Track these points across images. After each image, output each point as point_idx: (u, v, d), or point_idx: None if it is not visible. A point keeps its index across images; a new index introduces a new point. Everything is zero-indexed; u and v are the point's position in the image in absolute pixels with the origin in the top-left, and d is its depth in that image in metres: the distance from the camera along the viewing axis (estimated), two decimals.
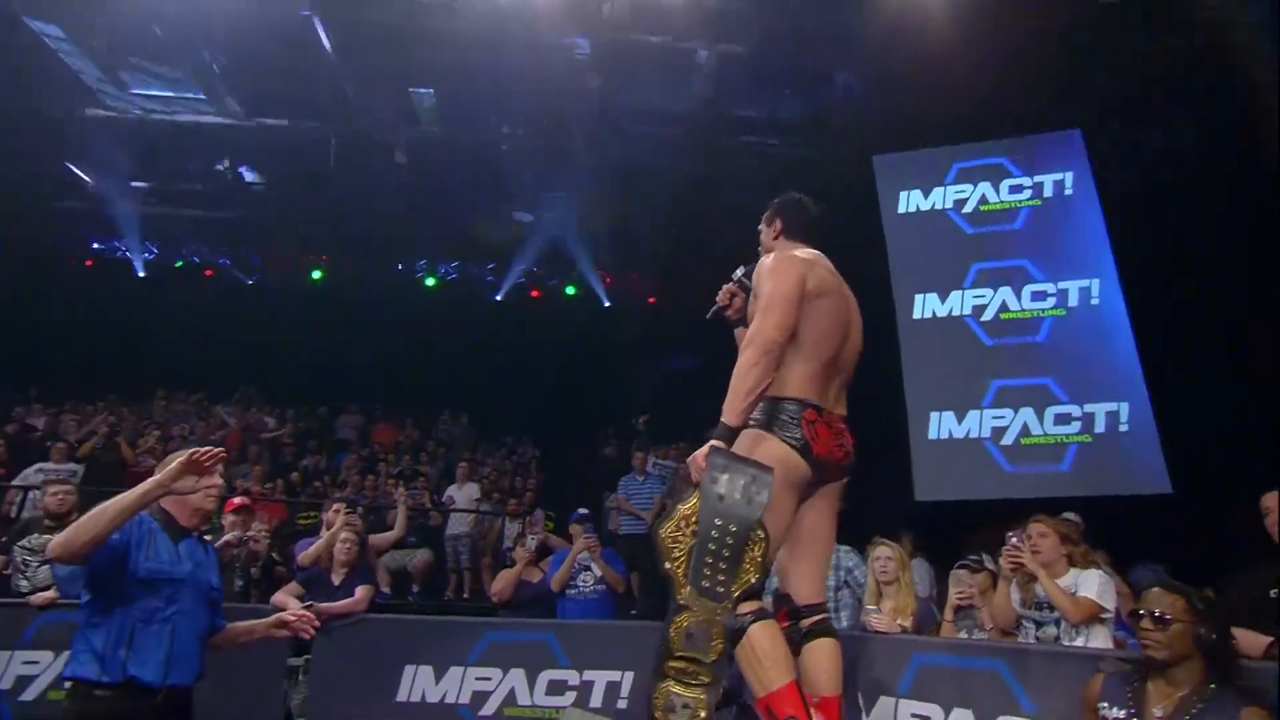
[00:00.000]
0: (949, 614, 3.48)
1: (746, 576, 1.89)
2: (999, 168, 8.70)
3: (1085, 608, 2.89)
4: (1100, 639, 2.91)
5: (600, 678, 3.63)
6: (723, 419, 2.02)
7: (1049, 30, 7.39)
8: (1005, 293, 8.17)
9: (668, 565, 1.93)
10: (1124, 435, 7.37)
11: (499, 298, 11.94)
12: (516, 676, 3.63)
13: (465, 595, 6.86)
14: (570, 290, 12.23)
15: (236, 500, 4.70)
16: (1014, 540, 3.10)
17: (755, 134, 9.04)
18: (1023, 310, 8.14)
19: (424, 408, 10.72)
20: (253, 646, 3.69)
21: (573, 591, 4.38)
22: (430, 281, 11.90)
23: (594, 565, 4.51)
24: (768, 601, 3.53)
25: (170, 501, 2.32)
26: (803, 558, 2.21)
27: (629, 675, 3.60)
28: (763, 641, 1.98)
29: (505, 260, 11.52)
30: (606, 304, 11.86)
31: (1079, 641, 2.89)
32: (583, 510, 4.74)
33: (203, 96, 8.82)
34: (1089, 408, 7.59)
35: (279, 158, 9.84)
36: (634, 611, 4.49)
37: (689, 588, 1.87)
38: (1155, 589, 2.13)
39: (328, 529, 4.96)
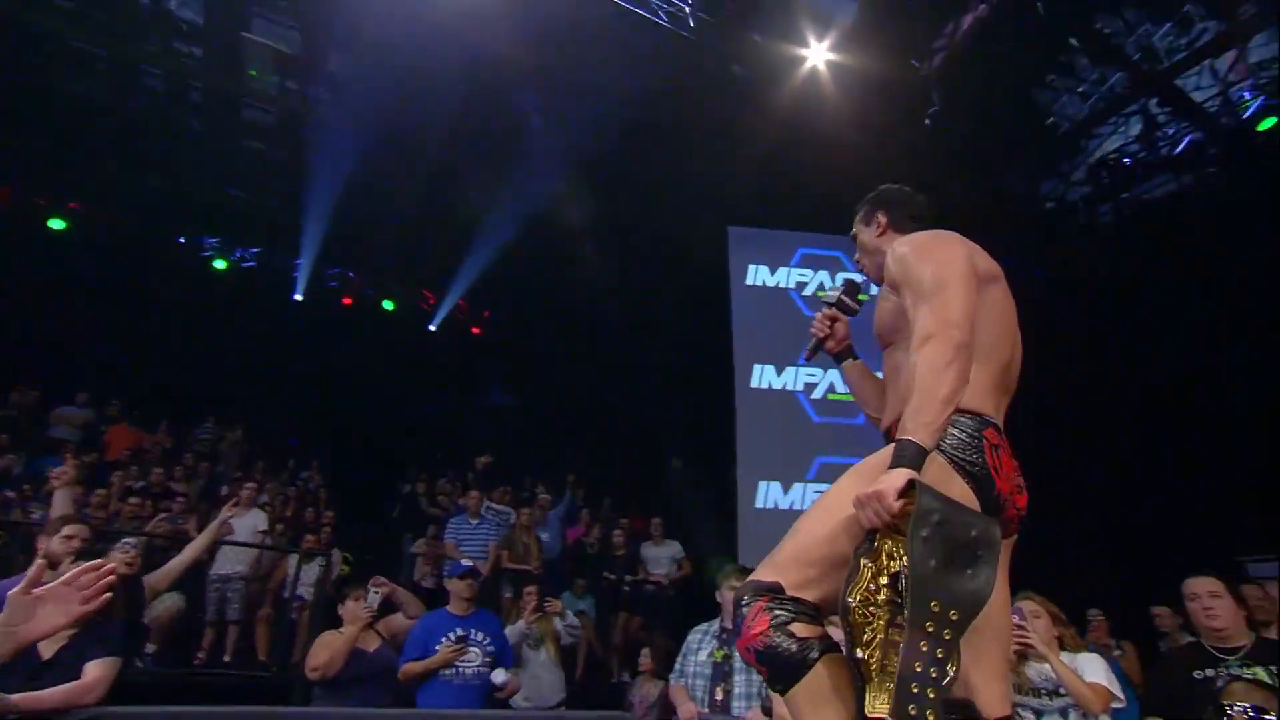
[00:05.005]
0: None
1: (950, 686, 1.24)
2: (836, 260, 9.39)
3: (1103, 695, 2.66)
4: None
5: None
6: (909, 436, 1.39)
7: (894, 139, 8.19)
8: (834, 375, 8.74)
9: (860, 654, 1.29)
10: None
11: (298, 297, 10.29)
12: None
13: (227, 659, 5.22)
14: (389, 305, 10.95)
15: None
16: (1015, 619, 2.78)
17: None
18: (847, 393, 8.70)
19: (183, 411, 8.66)
20: None
21: (449, 673, 3.30)
22: (220, 264, 9.92)
23: None
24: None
25: None
26: (983, 648, 1.47)
27: None
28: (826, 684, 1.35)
29: (316, 258, 9.98)
30: (431, 327, 10.73)
31: None
32: (467, 563, 3.76)
33: None
34: None
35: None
36: None
37: (891, 710, 1.22)
38: None
39: (47, 563, 3.49)
